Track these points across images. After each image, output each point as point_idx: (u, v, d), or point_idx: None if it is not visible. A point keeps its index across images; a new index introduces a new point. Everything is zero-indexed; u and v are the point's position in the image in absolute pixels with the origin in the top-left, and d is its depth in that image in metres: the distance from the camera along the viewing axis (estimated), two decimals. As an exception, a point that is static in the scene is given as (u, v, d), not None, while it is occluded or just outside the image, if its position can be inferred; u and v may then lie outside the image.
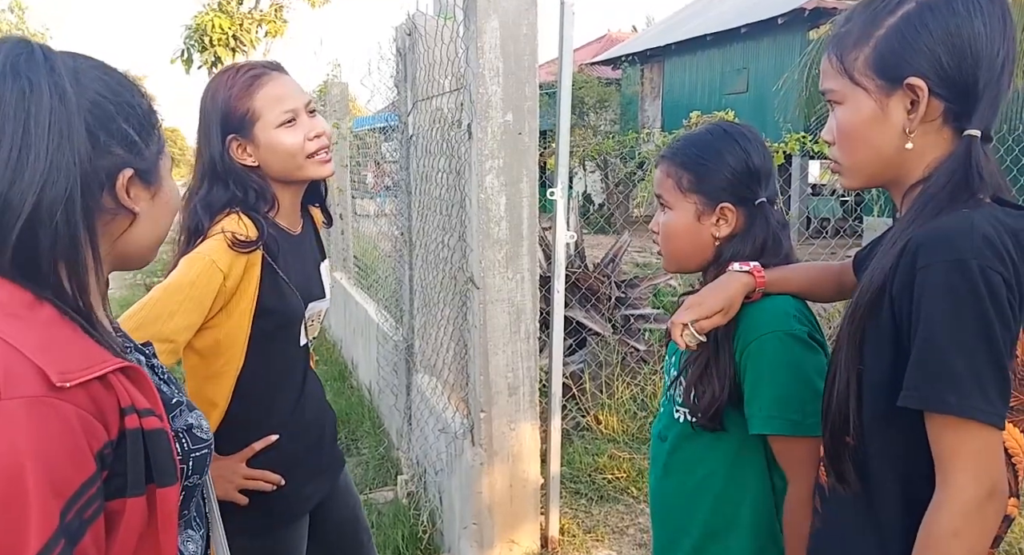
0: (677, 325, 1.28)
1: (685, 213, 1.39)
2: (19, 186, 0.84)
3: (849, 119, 1.06)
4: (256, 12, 22.33)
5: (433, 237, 3.27)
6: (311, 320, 1.73)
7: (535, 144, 2.58)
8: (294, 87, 1.64)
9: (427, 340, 3.43)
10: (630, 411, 4.34)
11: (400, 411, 3.81)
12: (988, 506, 0.93)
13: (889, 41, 1.01)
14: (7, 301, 0.86)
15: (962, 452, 0.93)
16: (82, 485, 0.81)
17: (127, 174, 0.94)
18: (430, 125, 3.20)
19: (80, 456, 0.81)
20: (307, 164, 1.62)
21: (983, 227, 0.93)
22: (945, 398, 0.92)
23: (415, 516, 3.26)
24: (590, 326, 4.49)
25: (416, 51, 3.30)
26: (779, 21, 13.18)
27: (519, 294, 2.63)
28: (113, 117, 0.93)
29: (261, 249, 1.57)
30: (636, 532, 3.30)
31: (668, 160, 1.42)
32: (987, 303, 0.90)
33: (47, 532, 0.77)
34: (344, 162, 6.01)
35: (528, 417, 2.74)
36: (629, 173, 11.81)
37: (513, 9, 2.43)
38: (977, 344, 0.91)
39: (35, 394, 0.80)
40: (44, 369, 0.81)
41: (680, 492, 1.44)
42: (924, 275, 0.94)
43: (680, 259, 1.46)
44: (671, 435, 1.44)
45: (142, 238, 1.00)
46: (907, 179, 1.05)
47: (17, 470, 0.77)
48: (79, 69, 0.92)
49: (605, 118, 18.00)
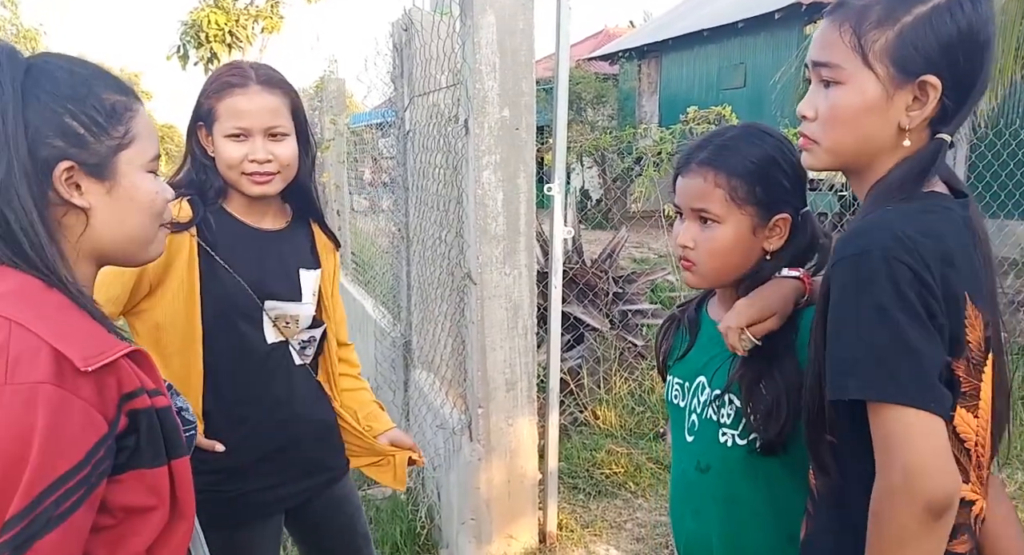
0: (733, 330, 1.17)
1: (738, 227, 1.23)
2: None
3: (848, 102, 0.99)
4: (252, 8, 22.23)
5: (430, 233, 3.26)
6: (281, 321, 1.70)
7: (532, 140, 2.58)
8: (263, 106, 1.63)
9: (425, 336, 3.43)
10: (628, 406, 4.35)
11: (398, 407, 3.81)
12: (902, 489, 0.88)
13: (915, 31, 0.95)
14: (19, 288, 0.91)
15: (877, 435, 0.91)
16: (65, 473, 0.86)
17: (64, 165, 0.97)
18: (427, 121, 3.20)
19: (73, 447, 0.86)
20: (240, 179, 1.65)
21: (894, 224, 0.92)
22: (847, 384, 0.92)
23: (413, 512, 3.27)
24: (588, 322, 4.49)
25: (412, 47, 3.29)
26: (776, 16, 13.15)
27: (516, 290, 2.63)
28: (55, 111, 0.96)
29: (194, 235, 1.59)
30: (634, 527, 3.31)
31: (712, 168, 1.24)
32: (887, 288, 0.89)
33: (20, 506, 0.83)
34: (341, 158, 6.00)
35: (526, 413, 2.74)
36: (627, 169, 11.80)
37: (510, 4, 2.43)
38: (877, 328, 0.89)
39: (43, 381, 0.85)
40: (66, 354, 0.87)
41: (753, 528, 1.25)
42: (833, 270, 0.95)
43: (722, 277, 1.29)
44: (716, 463, 1.27)
45: (107, 234, 1.02)
46: (873, 171, 1.02)
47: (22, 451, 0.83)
48: (36, 66, 0.97)
49: (602, 113, 17.95)
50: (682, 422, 1.35)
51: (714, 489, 1.28)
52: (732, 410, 1.24)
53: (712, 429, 1.27)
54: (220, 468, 1.62)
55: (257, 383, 1.68)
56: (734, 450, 1.24)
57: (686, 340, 1.39)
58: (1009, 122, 6.17)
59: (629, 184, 11.18)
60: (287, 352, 1.72)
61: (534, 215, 2.66)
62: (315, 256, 1.81)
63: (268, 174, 1.65)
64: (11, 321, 0.88)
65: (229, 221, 1.67)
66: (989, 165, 5.65)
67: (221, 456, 1.59)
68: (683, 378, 1.36)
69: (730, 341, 1.19)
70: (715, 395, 1.27)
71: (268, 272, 1.69)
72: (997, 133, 6.18)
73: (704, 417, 1.29)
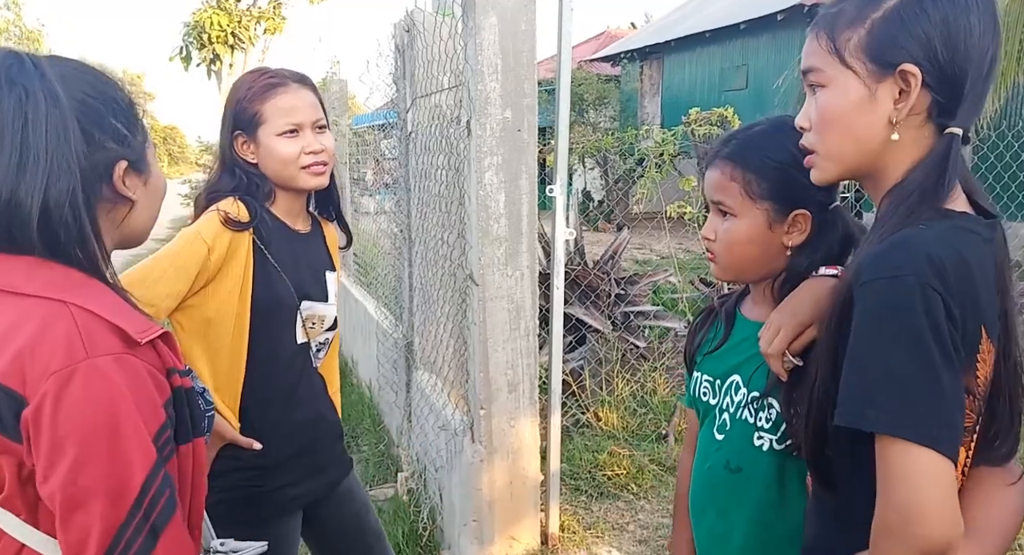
0: (775, 358, 1.13)
1: (753, 221, 1.24)
2: (25, 187, 0.94)
3: (834, 103, 0.99)
4: (255, 9, 22.26)
5: (432, 234, 3.26)
6: (309, 321, 1.75)
7: (534, 141, 2.58)
8: (308, 102, 1.71)
9: (427, 337, 3.43)
10: (630, 408, 4.35)
11: (400, 408, 3.81)
12: (899, 531, 0.86)
13: (886, 24, 0.96)
14: (65, 279, 0.98)
15: (882, 468, 0.88)
16: (160, 427, 0.96)
17: (122, 166, 1.03)
18: (429, 122, 3.20)
19: (156, 407, 0.96)
20: (299, 174, 1.70)
21: (929, 246, 0.89)
22: (865, 413, 0.88)
23: (415, 513, 3.27)
24: (590, 323, 4.49)
25: (415, 48, 3.30)
26: (778, 17, 13.15)
27: (519, 291, 2.63)
28: (103, 114, 1.02)
29: (252, 233, 1.65)
30: (636, 528, 3.30)
31: (731, 162, 1.26)
32: (920, 317, 0.86)
33: (147, 466, 0.93)
34: (343, 159, 6.01)
35: (528, 414, 2.74)
36: (629, 170, 11.80)
37: (512, 5, 2.43)
38: (906, 359, 0.86)
39: (119, 351, 0.94)
40: (123, 327, 0.95)
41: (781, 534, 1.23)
42: (862, 291, 0.91)
43: (743, 269, 1.30)
44: (748, 466, 1.26)
45: (139, 221, 1.10)
46: (886, 175, 1.01)
47: (117, 417, 0.91)
48: (64, 73, 1.01)
49: (604, 115, 17.97)
50: (711, 419, 1.34)
51: (744, 491, 1.26)
52: (772, 415, 1.22)
53: (747, 431, 1.26)
54: (253, 465, 1.68)
55: (286, 382, 1.74)
56: (769, 455, 1.23)
57: (719, 335, 1.37)
58: (1012, 124, 6.16)
59: (631, 185, 11.19)
60: (308, 354, 1.78)
61: (536, 216, 2.66)
62: (331, 259, 1.89)
63: (323, 164, 1.73)
64: (67, 304, 0.95)
65: (275, 223, 1.73)
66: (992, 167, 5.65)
67: (254, 453, 1.66)
68: (713, 375, 1.35)
69: (774, 369, 1.16)
70: (753, 397, 1.25)
71: (304, 273, 1.76)
72: (1000, 135, 6.17)
73: (738, 418, 1.28)
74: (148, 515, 0.93)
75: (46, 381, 0.90)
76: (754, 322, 1.29)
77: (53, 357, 0.91)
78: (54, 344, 0.92)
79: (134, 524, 0.91)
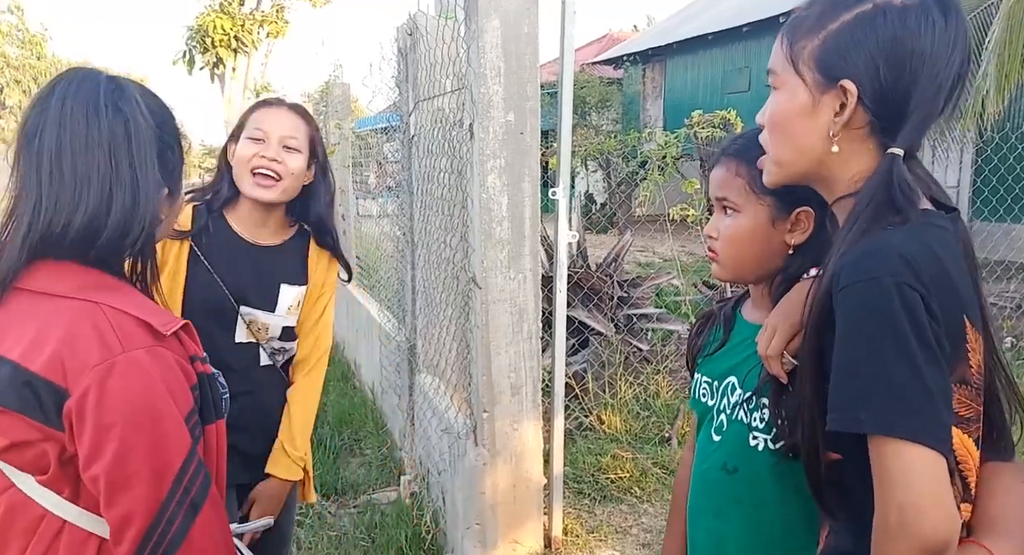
0: (774, 359, 1.14)
1: (756, 217, 1.24)
2: (143, 207, 1.06)
3: (782, 106, 1.03)
4: (258, 13, 22.31)
5: (435, 237, 3.27)
6: (254, 326, 1.87)
7: (537, 144, 2.58)
8: (286, 120, 1.85)
9: (429, 340, 3.43)
10: (633, 411, 4.34)
11: (403, 411, 3.81)
12: (898, 529, 0.86)
13: (837, 38, 0.98)
14: (98, 281, 1.07)
15: (877, 469, 0.88)
16: (190, 411, 1.05)
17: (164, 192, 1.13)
18: (432, 125, 3.20)
19: (185, 392, 1.05)
20: (246, 177, 1.82)
21: (900, 246, 0.90)
22: (857, 416, 0.89)
23: (418, 516, 3.26)
24: (593, 326, 4.48)
25: (417, 51, 3.30)
26: (780, 20, 13.15)
27: (521, 294, 2.63)
28: (171, 146, 1.14)
29: (189, 240, 1.82)
30: (639, 532, 3.30)
31: (736, 158, 1.26)
32: (901, 317, 0.87)
33: (185, 448, 1.02)
34: (346, 163, 6.02)
35: (531, 417, 2.74)
36: (631, 173, 11.80)
37: (514, 9, 2.43)
38: (891, 359, 0.87)
39: (150, 344, 1.03)
40: (149, 322, 1.04)
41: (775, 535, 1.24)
42: (841, 296, 0.92)
43: (742, 267, 1.29)
44: (744, 466, 1.26)
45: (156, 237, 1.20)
46: (831, 184, 1.03)
47: (155, 404, 1.00)
48: (143, 100, 1.11)
49: (607, 117, 17.97)
50: (709, 421, 1.35)
51: (740, 492, 1.27)
52: (765, 415, 1.23)
53: (742, 432, 1.26)
54: None
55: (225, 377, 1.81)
56: (764, 454, 1.23)
57: (719, 338, 1.38)
58: (1015, 126, 6.15)
59: (634, 188, 11.19)
60: (256, 353, 1.89)
61: (539, 219, 2.66)
62: (304, 274, 1.95)
63: (272, 177, 1.81)
64: (99, 304, 1.03)
65: (224, 230, 1.87)
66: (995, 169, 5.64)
67: None
68: (712, 377, 1.36)
69: (774, 371, 1.16)
70: (746, 397, 1.26)
71: (247, 281, 1.87)
72: (1003, 137, 6.16)
73: (734, 418, 1.29)
74: (188, 490, 1.02)
75: (87, 374, 0.97)
76: (753, 324, 1.29)
77: (91, 352, 0.98)
78: (90, 340, 0.99)
79: (175, 499, 1.01)
